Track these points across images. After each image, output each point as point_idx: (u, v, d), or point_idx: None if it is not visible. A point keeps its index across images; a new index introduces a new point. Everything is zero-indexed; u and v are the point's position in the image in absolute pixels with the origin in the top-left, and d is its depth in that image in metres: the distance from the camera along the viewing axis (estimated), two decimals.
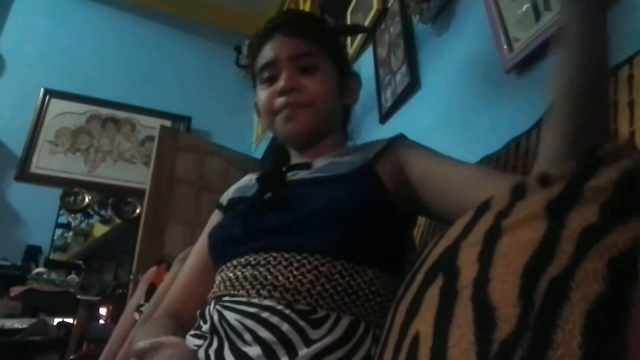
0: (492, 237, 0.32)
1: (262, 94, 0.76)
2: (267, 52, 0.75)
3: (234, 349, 0.53)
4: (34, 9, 3.22)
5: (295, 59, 0.74)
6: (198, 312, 0.67)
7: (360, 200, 0.63)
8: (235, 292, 0.59)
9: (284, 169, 0.77)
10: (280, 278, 0.57)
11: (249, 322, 0.54)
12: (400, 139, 0.74)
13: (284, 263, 0.58)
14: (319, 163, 0.75)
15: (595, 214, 0.28)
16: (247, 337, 0.54)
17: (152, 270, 1.41)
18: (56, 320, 2.25)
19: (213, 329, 0.58)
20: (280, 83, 0.73)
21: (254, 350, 0.52)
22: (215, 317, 0.58)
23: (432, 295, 0.33)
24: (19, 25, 3.15)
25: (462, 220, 0.37)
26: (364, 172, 0.68)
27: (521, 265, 0.28)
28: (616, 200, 0.28)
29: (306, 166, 0.75)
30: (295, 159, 0.81)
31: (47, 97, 3.07)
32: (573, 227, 0.28)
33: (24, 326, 2.06)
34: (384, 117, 1.59)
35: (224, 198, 0.84)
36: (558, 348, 0.22)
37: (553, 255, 0.26)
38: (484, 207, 0.36)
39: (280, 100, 0.73)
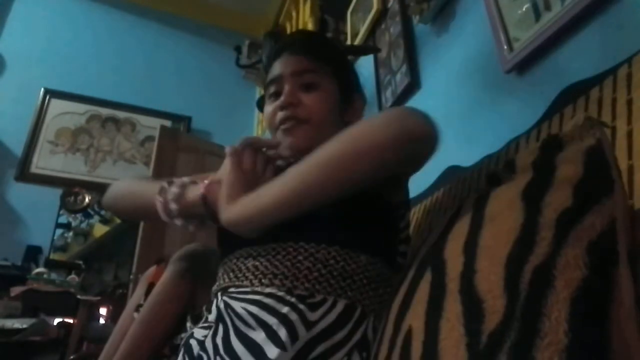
0: (475, 227, 0.32)
1: (268, 109, 0.81)
2: (275, 70, 0.81)
3: (240, 335, 0.58)
4: (34, 9, 3.22)
5: (298, 75, 0.78)
6: (205, 306, 0.72)
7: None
8: (240, 283, 0.65)
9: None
10: (279, 267, 0.63)
11: (253, 308, 0.59)
12: None
13: (282, 253, 0.64)
14: None
15: (569, 197, 0.28)
16: (252, 322, 0.58)
17: (152, 269, 1.40)
18: (56, 320, 2.23)
19: (219, 317, 0.63)
20: (281, 98, 0.77)
21: (259, 335, 0.57)
22: (222, 306, 0.63)
23: (423, 290, 0.33)
24: (19, 25, 3.15)
25: (448, 213, 0.37)
26: None
27: (504, 255, 0.28)
28: (587, 181, 0.28)
29: None
30: None
31: (47, 97, 3.07)
32: (549, 213, 0.28)
33: (24, 326, 2.05)
34: None
35: None
36: (545, 337, 0.21)
37: (534, 244, 0.27)
38: (466, 198, 0.36)
39: (280, 114, 0.77)
